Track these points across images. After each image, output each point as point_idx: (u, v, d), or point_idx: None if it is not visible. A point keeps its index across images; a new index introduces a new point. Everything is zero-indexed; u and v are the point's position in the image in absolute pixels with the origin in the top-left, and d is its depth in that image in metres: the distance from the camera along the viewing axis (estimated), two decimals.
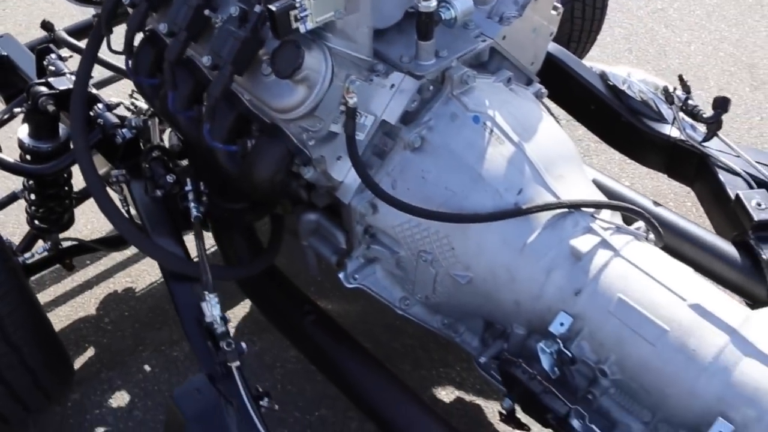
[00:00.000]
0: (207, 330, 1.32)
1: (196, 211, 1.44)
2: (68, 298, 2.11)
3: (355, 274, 1.47)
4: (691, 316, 1.25)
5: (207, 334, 1.32)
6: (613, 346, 1.27)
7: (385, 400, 1.43)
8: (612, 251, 1.32)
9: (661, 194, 2.37)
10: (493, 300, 1.38)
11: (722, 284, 1.65)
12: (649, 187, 2.39)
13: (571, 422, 1.32)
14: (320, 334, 1.54)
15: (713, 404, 1.19)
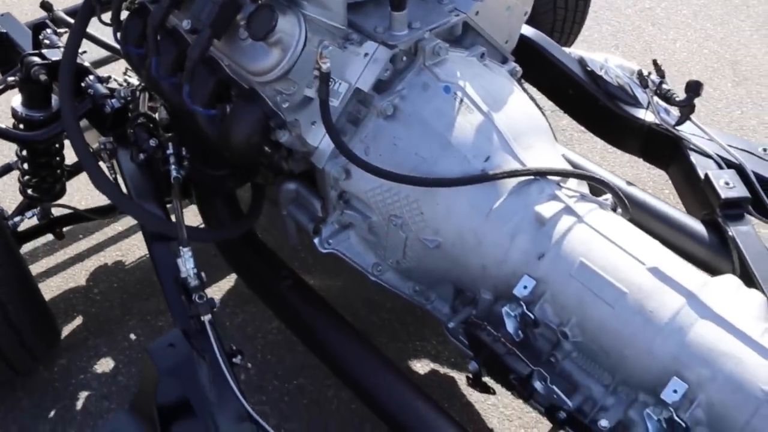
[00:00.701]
0: (182, 286, 1.37)
1: (175, 173, 1.49)
2: (59, 270, 2.17)
3: (330, 240, 1.53)
4: (650, 279, 1.29)
5: (182, 290, 1.37)
6: (574, 309, 1.32)
7: (357, 361, 1.47)
8: (575, 217, 1.37)
9: (641, 181, 2.41)
10: (461, 264, 1.43)
11: (691, 261, 1.69)
12: (629, 175, 2.43)
13: (534, 384, 1.38)
14: (296, 299, 1.59)
15: (669, 364, 1.23)
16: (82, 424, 1.78)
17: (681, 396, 1.20)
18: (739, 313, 1.25)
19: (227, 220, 1.67)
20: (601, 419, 1.30)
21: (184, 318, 1.38)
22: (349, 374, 1.47)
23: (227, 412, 1.31)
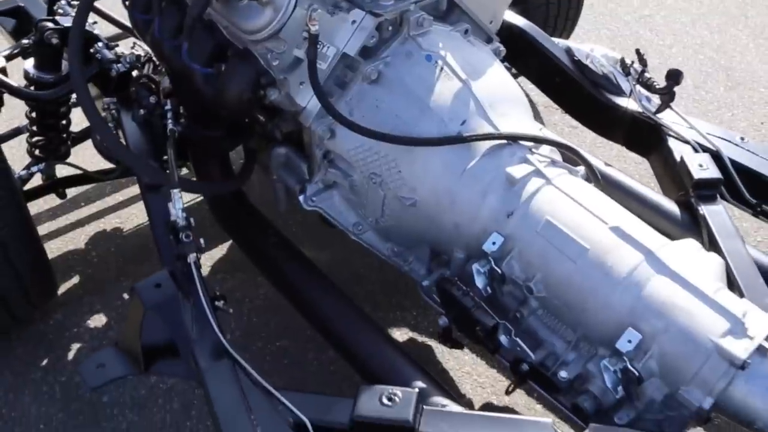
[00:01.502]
0: (171, 228, 1.45)
1: (171, 125, 1.58)
2: (60, 234, 2.26)
3: (313, 197, 1.61)
4: (611, 237, 1.36)
5: (171, 232, 1.45)
6: (539, 264, 1.39)
7: (332, 310, 1.54)
8: (544, 180, 1.44)
9: (627, 174, 2.47)
10: (436, 223, 1.50)
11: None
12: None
13: (499, 337, 1.45)
14: (280, 255, 1.67)
15: (625, 316, 1.29)
16: (72, 372, 1.86)
17: (635, 346, 1.27)
18: (695, 271, 1.31)
19: (219, 178, 1.75)
20: (561, 371, 1.36)
21: (171, 260, 1.46)
22: (323, 322, 1.54)
23: (207, 349, 1.38)
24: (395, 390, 1.27)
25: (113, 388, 1.81)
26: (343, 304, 1.54)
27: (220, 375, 1.35)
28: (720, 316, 1.24)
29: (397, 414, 1.24)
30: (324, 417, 1.28)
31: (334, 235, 2.12)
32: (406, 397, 1.26)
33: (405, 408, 1.24)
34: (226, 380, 1.34)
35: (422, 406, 1.27)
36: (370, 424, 1.25)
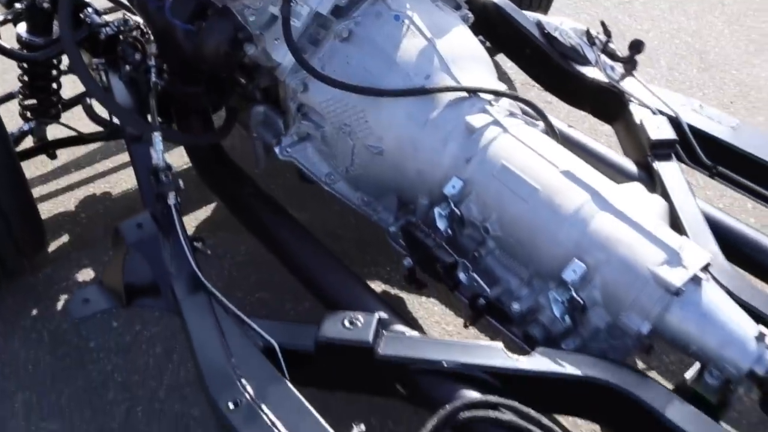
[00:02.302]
0: (153, 172, 1.54)
1: (154, 78, 1.68)
2: (51, 197, 2.35)
3: (288, 148, 1.70)
4: (561, 179, 1.46)
5: (153, 177, 1.55)
6: (495, 205, 1.49)
7: (305, 253, 1.64)
8: (501, 128, 1.53)
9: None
10: (401, 170, 1.60)
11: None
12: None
13: (458, 274, 1.54)
14: (256, 203, 1.76)
15: (571, 250, 1.39)
16: (60, 321, 1.95)
17: (580, 276, 1.36)
18: (638, 210, 1.41)
19: (200, 132, 1.85)
20: (514, 304, 1.46)
21: (152, 202, 1.56)
22: (294, 260, 1.64)
23: (184, 282, 1.48)
24: (357, 315, 1.37)
25: (99, 335, 1.90)
26: (312, 244, 1.64)
27: (196, 306, 1.45)
28: (658, 249, 1.34)
29: (357, 336, 1.34)
30: (291, 341, 1.38)
31: (314, 198, 2.25)
32: (367, 322, 1.36)
33: (365, 331, 1.34)
34: (202, 310, 1.44)
35: (382, 331, 1.37)
36: (333, 346, 1.35)
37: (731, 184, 1.89)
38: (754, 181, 1.86)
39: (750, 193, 1.87)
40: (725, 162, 1.88)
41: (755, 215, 2.29)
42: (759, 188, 1.86)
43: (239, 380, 1.30)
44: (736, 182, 1.89)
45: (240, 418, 1.24)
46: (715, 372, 1.31)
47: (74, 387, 1.79)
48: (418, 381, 1.34)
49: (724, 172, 1.89)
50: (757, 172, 1.84)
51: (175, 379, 1.80)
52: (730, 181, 1.90)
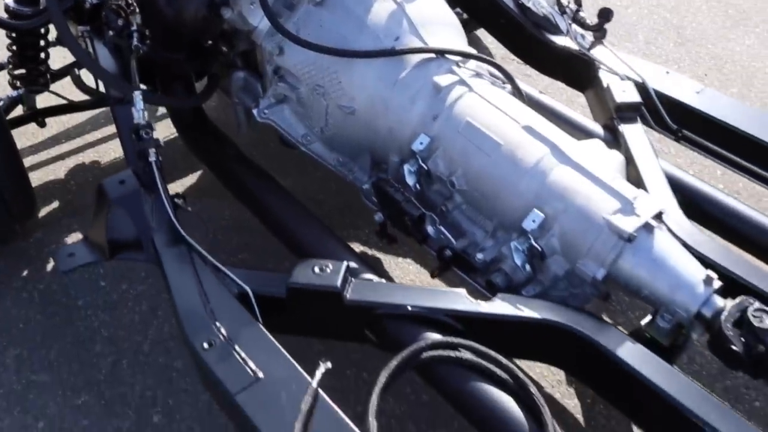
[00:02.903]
0: (134, 131, 1.61)
1: (136, 41, 1.74)
2: (41, 166, 2.42)
3: (266, 110, 1.77)
4: (523, 134, 1.52)
5: (134, 135, 1.61)
6: (460, 160, 1.56)
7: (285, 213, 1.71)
8: (467, 87, 1.60)
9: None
10: (372, 128, 1.67)
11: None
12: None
13: (426, 228, 1.61)
14: (237, 165, 1.84)
15: (531, 201, 1.46)
16: (50, 281, 2.02)
17: (539, 225, 1.44)
18: (595, 163, 1.47)
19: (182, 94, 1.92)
20: (478, 254, 1.53)
21: (135, 160, 1.62)
22: (270, 216, 1.71)
23: (164, 235, 1.55)
24: (327, 263, 1.44)
25: (87, 294, 1.98)
26: (288, 200, 1.71)
27: (175, 256, 1.52)
28: (613, 199, 1.42)
29: (326, 281, 1.41)
30: (264, 288, 1.45)
31: (297, 166, 2.31)
32: (336, 269, 1.43)
33: (334, 277, 1.41)
34: (180, 260, 1.51)
35: (350, 278, 1.44)
36: (303, 291, 1.42)
37: (695, 147, 1.96)
38: (717, 144, 1.93)
39: (713, 155, 1.94)
40: (690, 126, 1.95)
41: (724, 181, 2.36)
42: (722, 150, 1.94)
43: (214, 323, 1.37)
44: (700, 145, 1.96)
45: (213, 357, 1.31)
46: (667, 315, 1.38)
47: (63, 342, 1.87)
48: (384, 325, 1.41)
49: (688, 135, 1.96)
50: (720, 135, 1.90)
51: (159, 333, 1.87)
52: (695, 144, 1.97)
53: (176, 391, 1.74)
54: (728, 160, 1.92)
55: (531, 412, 1.23)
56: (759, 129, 1.85)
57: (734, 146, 1.88)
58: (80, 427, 1.67)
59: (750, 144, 1.84)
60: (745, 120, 1.89)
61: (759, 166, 1.86)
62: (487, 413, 1.27)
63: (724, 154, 1.93)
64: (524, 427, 1.22)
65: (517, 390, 1.26)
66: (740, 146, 1.87)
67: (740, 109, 1.95)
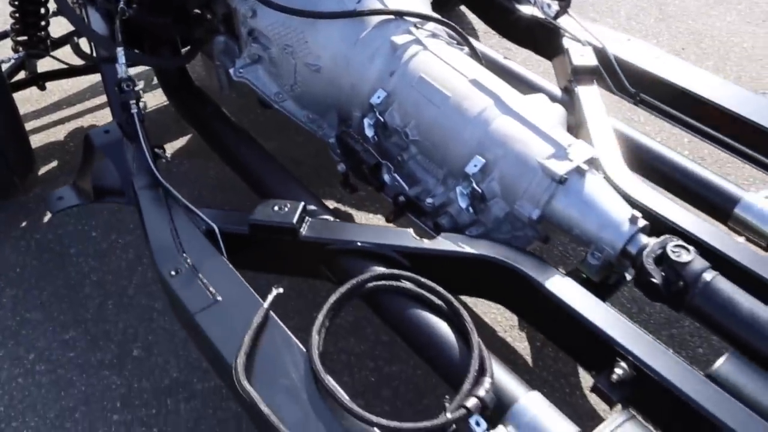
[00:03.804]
0: (117, 84, 1.74)
1: (122, 4, 1.87)
2: (43, 129, 2.59)
3: (241, 69, 1.90)
4: (470, 88, 1.63)
5: (117, 88, 1.75)
6: (413, 113, 1.67)
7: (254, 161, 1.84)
8: (422, 46, 1.71)
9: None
10: (336, 85, 1.79)
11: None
12: None
13: (383, 176, 1.73)
14: (215, 121, 1.97)
15: (474, 148, 1.57)
16: (46, 231, 2.19)
17: (480, 169, 1.54)
18: (536, 114, 1.58)
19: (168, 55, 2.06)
20: (428, 199, 1.65)
21: (119, 112, 1.76)
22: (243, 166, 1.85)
23: (143, 179, 1.68)
24: (286, 202, 1.57)
25: (79, 243, 2.14)
26: (258, 151, 1.85)
27: (151, 197, 1.65)
28: (548, 145, 1.52)
29: (283, 219, 1.54)
30: (229, 225, 1.58)
31: (280, 131, 2.45)
32: (293, 208, 1.55)
33: (291, 215, 1.54)
34: (156, 201, 1.64)
35: (307, 217, 1.57)
36: (262, 227, 1.55)
37: (653, 110, 2.06)
38: (673, 107, 2.03)
39: (670, 118, 2.03)
40: (648, 90, 2.05)
41: (690, 148, 2.45)
42: (678, 113, 2.03)
43: (181, 254, 1.50)
44: (658, 108, 2.05)
45: (178, 282, 1.45)
46: (596, 253, 1.49)
47: (55, 285, 2.02)
48: (337, 260, 1.54)
49: (646, 98, 2.05)
50: (677, 98, 2.00)
51: (143, 279, 2.02)
52: (653, 107, 2.06)
53: (155, 329, 1.89)
54: (685, 123, 2.02)
55: (462, 334, 1.35)
56: (713, 93, 1.94)
57: (690, 109, 1.98)
58: (67, 359, 1.83)
59: (705, 107, 1.93)
60: (700, 85, 1.97)
61: (713, 128, 1.95)
62: (424, 337, 1.39)
63: (681, 116, 2.02)
64: (455, 347, 1.34)
65: (450, 316, 1.38)
66: (696, 109, 1.96)
67: (697, 75, 2.04)
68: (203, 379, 1.75)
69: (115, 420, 1.68)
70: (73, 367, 1.80)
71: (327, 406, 1.21)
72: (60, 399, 1.73)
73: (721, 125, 1.92)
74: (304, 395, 1.23)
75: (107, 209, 2.23)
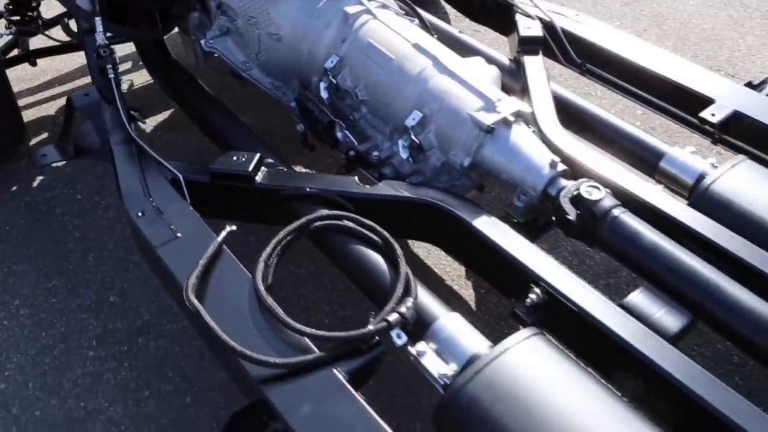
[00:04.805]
0: (96, 51, 1.91)
1: None
2: (36, 105, 2.77)
3: (211, 41, 2.07)
4: (412, 50, 1.79)
5: (96, 54, 1.91)
6: (362, 74, 1.83)
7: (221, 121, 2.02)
8: (372, 15, 1.88)
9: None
10: (296, 52, 1.95)
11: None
12: None
13: (336, 134, 1.89)
14: (189, 88, 2.14)
15: (414, 103, 1.73)
16: (35, 194, 2.36)
17: (418, 122, 1.70)
18: (471, 73, 1.73)
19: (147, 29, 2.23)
20: (375, 152, 1.80)
21: (98, 77, 1.93)
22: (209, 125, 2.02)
23: (118, 136, 1.84)
24: (244, 153, 1.73)
25: (65, 204, 2.30)
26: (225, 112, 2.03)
27: (125, 152, 1.81)
28: (479, 99, 1.67)
29: (241, 167, 1.70)
30: (193, 174, 1.74)
31: (256, 106, 2.61)
32: (250, 158, 1.71)
33: (247, 164, 1.70)
34: (128, 155, 1.80)
35: (263, 167, 1.73)
36: (222, 175, 1.70)
37: (598, 80, 2.20)
38: (617, 76, 2.17)
39: (614, 86, 2.17)
40: (594, 60, 2.19)
41: (642, 120, 2.59)
42: (621, 82, 2.17)
43: (148, 199, 1.67)
44: (603, 78, 2.20)
45: (143, 222, 1.61)
46: (522, 196, 1.64)
47: (41, 241, 2.19)
48: (289, 205, 1.69)
49: (591, 68, 2.20)
50: (620, 68, 2.14)
51: (122, 235, 2.18)
52: (598, 77, 2.21)
53: (131, 279, 2.05)
54: (629, 92, 2.16)
55: (393, 265, 1.50)
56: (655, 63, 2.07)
57: (633, 79, 2.12)
58: (49, 304, 1.99)
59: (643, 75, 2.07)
60: (643, 55, 2.11)
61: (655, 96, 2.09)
62: (361, 268, 1.53)
63: (623, 84, 2.17)
64: (387, 276, 1.48)
65: (385, 249, 1.53)
66: (638, 79, 2.10)
67: (640, 46, 2.18)
68: (172, 321, 1.91)
69: (90, 356, 1.84)
70: (54, 311, 1.97)
71: (266, 320, 1.36)
72: (41, 338, 1.90)
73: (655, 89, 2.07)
74: (246, 311, 1.39)
75: (92, 175, 2.40)
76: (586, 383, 1.27)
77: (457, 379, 1.27)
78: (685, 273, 1.47)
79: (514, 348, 1.31)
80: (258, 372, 1.29)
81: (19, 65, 2.65)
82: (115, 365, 1.82)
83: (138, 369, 1.80)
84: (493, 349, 1.30)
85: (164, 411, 1.70)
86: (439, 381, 1.30)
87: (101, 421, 1.70)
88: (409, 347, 1.35)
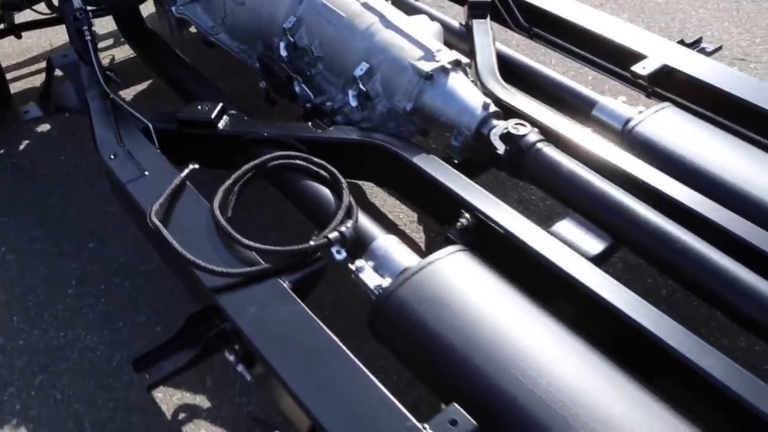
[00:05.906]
0: (73, 14, 2.07)
1: None
2: (23, 78, 2.93)
3: (181, 7, 2.24)
4: (361, 9, 1.96)
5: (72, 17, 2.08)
6: (316, 33, 2.00)
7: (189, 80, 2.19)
8: None
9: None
10: (258, 15, 2.12)
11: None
12: None
13: (294, 88, 2.05)
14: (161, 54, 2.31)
15: (363, 56, 1.89)
16: (21, 157, 2.53)
17: (365, 73, 1.87)
18: (414, 29, 1.90)
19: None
20: (327, 103, 1.97)
21: (75, 38, 2.09)
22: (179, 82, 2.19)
23: (94, 93, 2.00)
24: (207, 103, 1.89)
25: (49, 166, 2.47)
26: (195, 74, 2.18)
27: (100, 105, 1.97)
28: (420, 50, 1.84)
29: (204, 115, 1.86)
30: (162, 123, 1.91)
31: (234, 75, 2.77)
32: (213, 106, 1.88)
33: (210, 112, 1.86)
34: (103, 108, 1.96)
35: (225, 116, 1.89)
36: (187, 122, 1.87)
37: (545, 43, 2.37)
38: (562, 39, 2.33)
39: (561, 49, 2.34)
40: (541, 25, 2.36)
41: (593, 84, 2.74)
42: (566, 44, 2.34)
43: (120, 144, 1.83)
44: (550, 41, 2.37)
45: (115, 163, 1.77)
46: (458, 137, 1.80)
47: (26, 197, 2.36)
48: (249, 149, 1.86)
49: (539, 32, 2.37)
50: (565, 31, 2.30)
51: (103, 190, 2.33)
52: (545, 40, 2.38)
53: (109, 228, 2.21)
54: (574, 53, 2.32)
55: (338, 195, 1.66)
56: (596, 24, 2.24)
57: (577, 40, 2.28)
58: (34, 251, 2.16)
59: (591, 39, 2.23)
60: (586, 18, 2.28)
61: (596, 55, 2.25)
62: (311, 201, 1.70)
63: (569, 47, 2.33)
64: (333, 206, 1.64)
65: (332, 183, 1.69)
66: (581, 40, 2.27)
67: (584, 11, 2.34)
68: (146, 263, 2.07)
69: (70, 293, 2.01)
70: (37, 256, 2.13)
71: (221, 239, 1.52)
72: (25, 279, 2.06)
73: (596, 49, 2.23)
74: (203, 232, 1.55)
75: (76, 139, 2.56)
76: (506, 290, 1.43)
77: (388, 287, 1.43)
78: (605, 200, 1.63)
79: (441, 260, 1.48)
80: (211, 281, 1.45)
81: (5, 39, 2.84)
82: (93, 301, 1.98)
83: (114, 304, 1.97)
84: (421, 261, 1.46)
85: (137, 338, 1.86)
86: (375, 292, 1.47)
87: (78, 348, 1.86)
88: (350, 264, 1.52)
